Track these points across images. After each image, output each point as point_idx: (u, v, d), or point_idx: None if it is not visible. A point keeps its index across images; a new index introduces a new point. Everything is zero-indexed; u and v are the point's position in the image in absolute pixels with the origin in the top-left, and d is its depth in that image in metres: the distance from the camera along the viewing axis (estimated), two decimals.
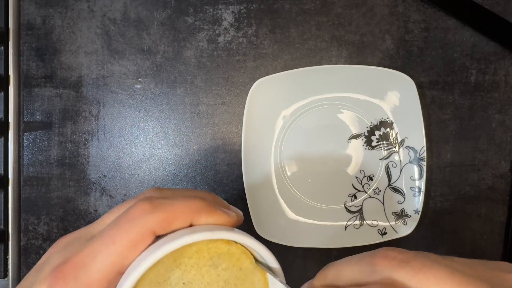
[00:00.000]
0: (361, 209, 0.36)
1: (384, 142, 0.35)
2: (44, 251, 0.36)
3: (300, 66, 0.35)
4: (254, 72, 0.35)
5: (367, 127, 0.35)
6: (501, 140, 0.34)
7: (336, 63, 0.35)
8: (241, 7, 0.34)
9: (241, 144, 0.34)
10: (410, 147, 0.35)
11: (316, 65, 0.35)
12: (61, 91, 0.35)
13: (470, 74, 0.34)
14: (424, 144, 0.34)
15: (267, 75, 0.34)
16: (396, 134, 0.35)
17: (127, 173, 0.36)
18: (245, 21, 0.35)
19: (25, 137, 0.36)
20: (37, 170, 0.36)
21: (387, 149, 0.35)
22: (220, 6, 0.35)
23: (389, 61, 0.34)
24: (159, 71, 0.35)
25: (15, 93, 0.35)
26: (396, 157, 0.35)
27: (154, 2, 0.35)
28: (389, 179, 0.35)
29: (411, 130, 0.34)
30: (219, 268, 0.20)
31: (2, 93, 0.35)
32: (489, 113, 0.34)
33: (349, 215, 0.36)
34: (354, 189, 0.36)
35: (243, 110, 0.34)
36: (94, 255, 0.17)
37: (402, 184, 0.35)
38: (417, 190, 0.34)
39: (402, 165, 0.35)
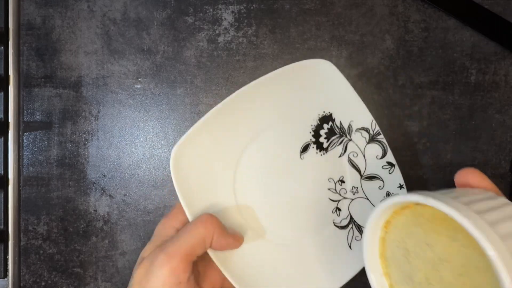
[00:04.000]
0: (351, 217, 0.32)
1: (334, 137, 0.32)
2: (44, 251, 0.36)
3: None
4: (254, 72, 0.35)
5: (310, 132, 0.32)
6: (501, 140, 0.34)
7: (336, 63, 0.35)
8: (241, 7, 0.34)
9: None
10: (360, 129, 0.32)
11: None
12: (61, 91, 0.35)
13: (470, 74, 0.34)
14: (372, 118, 0.31)
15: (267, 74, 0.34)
16: (340, 123, 0.32)
17: (127, 173, 0.36)
18: (245, 21, 0.35)
19: (25, 137, 0.36)
20: (37, 170, 0.36)
21: (340, 143, 0.32)
22: (220, 6, 0.35)
23: (389, 61, 0.34)
24: (159, 71, 0.35)
25: (15, 93, 0.35)
26: (352, 146, 0.32)
27: (154, 2, 0.35)
28: (359, 171, 0.32)
29: (352, 111, 0.31)
30: (458, 243, 0.20)
31: (2, 93, 0.35)
32: (489, 113, 0.34)
33: (345, 232, 0.32)
34: (333, 202, 0.32)
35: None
36: None
37: (373, 169, 0.32)
38: (389, 166, 0.31)
39: (362, 150, 0.32)
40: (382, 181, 0.32)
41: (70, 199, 0.36)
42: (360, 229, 0.32)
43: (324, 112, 0.32)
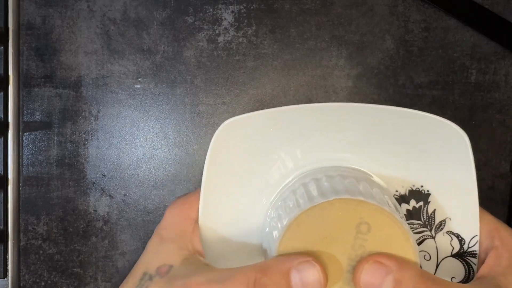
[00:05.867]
0: None
1: (415, 221, 0.24)
2: (44, 251, 0.36)
3: (301, 66, 0.35)
4: (254, 72, 0.35)
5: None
6: (501, 140, 0.34)
7: (336, 63, 0.35)
8: (241, 7, 0.34)
9: None
10: (453, 234, 0.24)
11: (317, 67, 0.34)
12: (61, 91, 0.35)
13: (470, 74, 0.34)
14: (477, 233, 0.23)
15: (267, 75, 0.34)
16: (434, 212, 0.24)
17: (127, 173, 0.35)
18: (245, 21, 0.35)
19: (24, 137, 0.36)
20: (37, 170, 0.36)
21: (418, 232, 0.24)
22: (220, 6, 0.35)
23: (389, 61, 0.34)
24: (159, 71, 0.35)
25: (15, 93, 0.35)
26: (429, 247, 0.24)
27: (154, 2, 0.35)
28: None
29: (458, 208, 0.24)
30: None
31: (2, 93, 0.35)
32: (489, 113, 0.34)
33: None
34: None
35: (242, 112, 0.32)
36: None
37: None
38: None
39: (439, 259, 0.24)
40: None
41: (70, 199, 0.36)
42: None
43: (422, 187, 0.24)
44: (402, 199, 0.24)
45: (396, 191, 0.25)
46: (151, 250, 0.24)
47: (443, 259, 0.24)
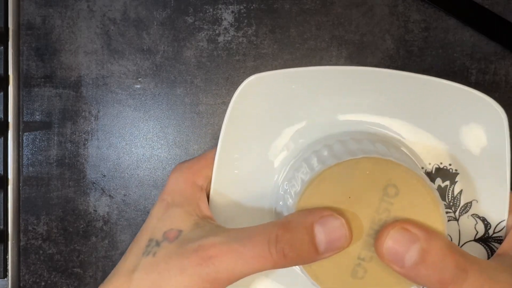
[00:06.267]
0: None
1: None
2: (44, 251, 0.36)
3: (301, 66, 0.35)
4: (254, 72, 0.35)
5: None
6: None
7: (336, 63, 0.35)
8: (241, 7, 0.34)
9: None
10: (479, 217, 0.22)
11: (318, 65, 0.34)
12: (61, 91, 0.35)
13: (470, 74, 0.34)
14: (506, 216, 0.22)
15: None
16: (460, 193, 0.23)
17: (127, 173, 0.35)
18: (245, 21, 0.35)
19: (24, 137, 0.36)
20: (37, 170, 0.36)
21: None
22: (220, 6, 0.35)
23: (389, 61, 0.34)
24: (159, 71, 0.35)
25: (15, 93, 0.35)
26: (453, 229, 0.23)
27: (154, 2, 0.35)
28: None
29: (487, 191, 0.22)
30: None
31: (2, 93, 0.35)
32: None
33: None
34: None
35: None
36: None
37: None
38: None
39: (461, 242, 0.23)
40: None
41: (70, 199, 0.36)
42: None
43: (449, 165, 0.23)
44: (428, 176, 0.22)
45: (422, 168, 0.23)
46: (155, 216, 0.23)
47: (465, 243, 0.23)
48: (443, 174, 0.23)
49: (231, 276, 0.19)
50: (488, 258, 0.23)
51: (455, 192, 0.23)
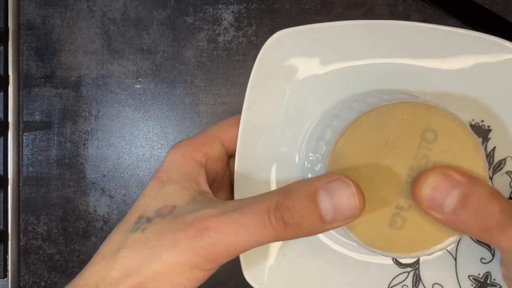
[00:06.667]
0: (417, 262, 0.22)
1: None
2: (44, 251, 0.36)
3: None
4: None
5: None
6: None
7: None
8: (241, 7, 0.34)
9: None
10: None
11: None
12: (61, 91, 0.35)
13: None
14: None
15: None
16: (493, 150, 0.22)
17: (127, 173, 0.35)
18: (245, 21, 0.34)
19: (24, 137, 0.36)
20: (37, 170, 0.36)
21: None
22: (220, 6, 0.35)
23: None
24: (159, 71, 0.35)
25: (15, 93, 0.35)
26: None
27: (153, 2, 0.35)
28: None
29: None
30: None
31: (2, 93, 0.35)
32: None
33: (397, 270, 0.22)
34: None
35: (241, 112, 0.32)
36: None
37: None
38: None
39: None
40: (493, 255, 0.22)
41: (70, 199, 0.36)
42: (418, 282, 0.22)
43: (482, 122, 0.22)
44: None
45: None
46: (148, 194, 0.21)
47: None
48: (476, 131, 0.22)
49: (230, 249, 0.18)
50: None
51: (489, 149, 0.22)
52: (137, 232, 0.19)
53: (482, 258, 0.22)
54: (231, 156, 0.23)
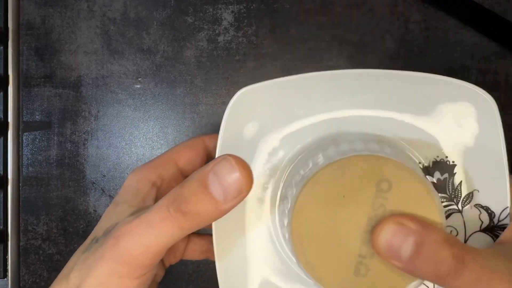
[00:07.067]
0: None
1: (440, 195, 0.22)
2: (44, 251, 0.36)
3: (301, 66, 0.35)
4: (254, 72, 0.35)
5: None
6: None
7: (336, 63, 0.35)
8: (241, 7, 0.34)
9: None
10: (482, 207, 0.22)
11: (318, 68, 0.34)
12: (61, 91, 0.35)
13: (471, 74, 0.34)
14: (508, 203, 0.21)
15: (267, 75, 0.34)
16: (460, 184, 0.22)
17: (127, 173, 0.35)
18: (245, 20, 0.34)
19: (24, 137, 0.35)
20: (37, 170, 0.36)
21: (444, 206, 0.23)
22: (220, 6, 0.35)
23: (389, 61, 0.34)
24: (159, 71, 0.35)
25: (15, 93, 0.35)
26: (458, 221, 0.22)
27: (153, 2, 0.35)
28: None
29: (486, 179, 0.22)
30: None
31: (2, 93, 0.35)
32: None
33: None
34: None
35: None
36: None
37: None
38: None
39: (468, 234, 0.22)
40: None
41: (70, 199, 0.36)
42: None
43: (446, 158, 0.22)
44: (426, 171, 0.23)
45: (419, 163, 0.23)
46: (104, 216, 0.23)
47: (471, 234, 0.22)
48: (441, 167, 0.23)
49: (147, 250, 0.18)
50: None
51: (455, 184, 0.23)
52: (85, 252, 0.20)
53: None
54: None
